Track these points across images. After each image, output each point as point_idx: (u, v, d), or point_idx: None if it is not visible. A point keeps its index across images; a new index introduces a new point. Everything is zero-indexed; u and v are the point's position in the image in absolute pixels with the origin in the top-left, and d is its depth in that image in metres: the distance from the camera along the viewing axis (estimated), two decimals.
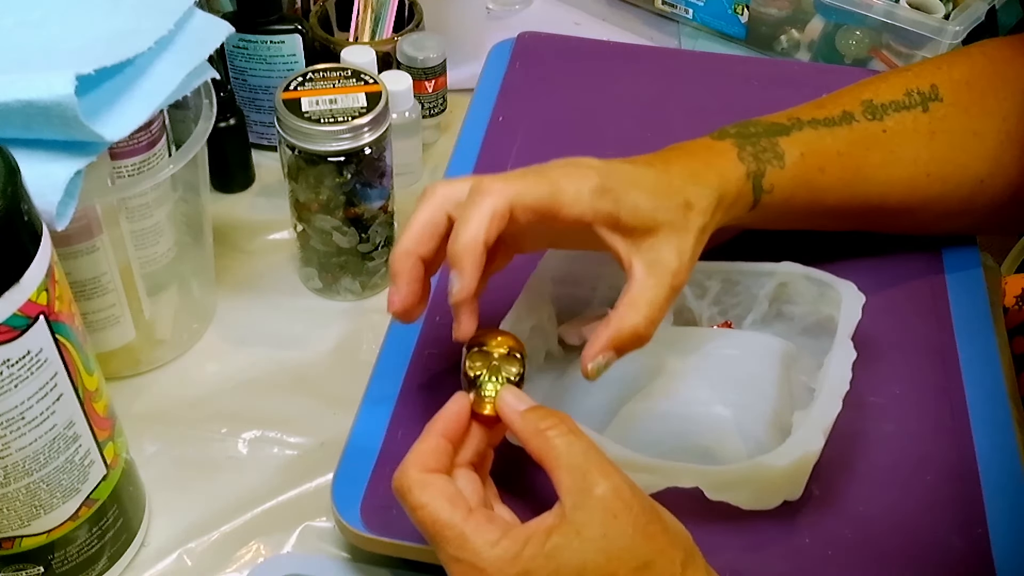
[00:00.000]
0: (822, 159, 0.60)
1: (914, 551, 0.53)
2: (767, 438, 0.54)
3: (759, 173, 0.57)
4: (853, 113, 0.61)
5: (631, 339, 0.51)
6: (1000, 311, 0.68)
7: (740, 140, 0.58)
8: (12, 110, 0.49)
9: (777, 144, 0.59)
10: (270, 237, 0.76)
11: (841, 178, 0.61)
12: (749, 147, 0.58)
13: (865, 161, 0.61)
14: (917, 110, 0.62)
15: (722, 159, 0.57)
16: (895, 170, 0.62)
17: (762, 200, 0.58)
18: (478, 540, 0.44)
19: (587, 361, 0.50)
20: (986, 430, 0.58)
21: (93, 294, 0.60)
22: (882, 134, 0.61)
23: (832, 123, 0.61)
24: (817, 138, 0.60)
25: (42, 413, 0.46)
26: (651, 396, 0.57)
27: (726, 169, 0.56)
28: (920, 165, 0.62)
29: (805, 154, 0.59)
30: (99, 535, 0.53)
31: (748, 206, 0.58)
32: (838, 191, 0.61)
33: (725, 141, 0.58)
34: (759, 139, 0.58)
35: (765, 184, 0.58)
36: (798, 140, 0.59)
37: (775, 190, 0.58)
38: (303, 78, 0.65)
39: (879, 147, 0.61)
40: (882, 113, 0.61)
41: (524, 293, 0.58)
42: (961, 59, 0.65)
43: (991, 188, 0.63)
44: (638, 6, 1.00)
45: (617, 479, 0.45)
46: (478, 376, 0.49)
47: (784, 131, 0.60)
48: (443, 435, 0.48)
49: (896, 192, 0.62)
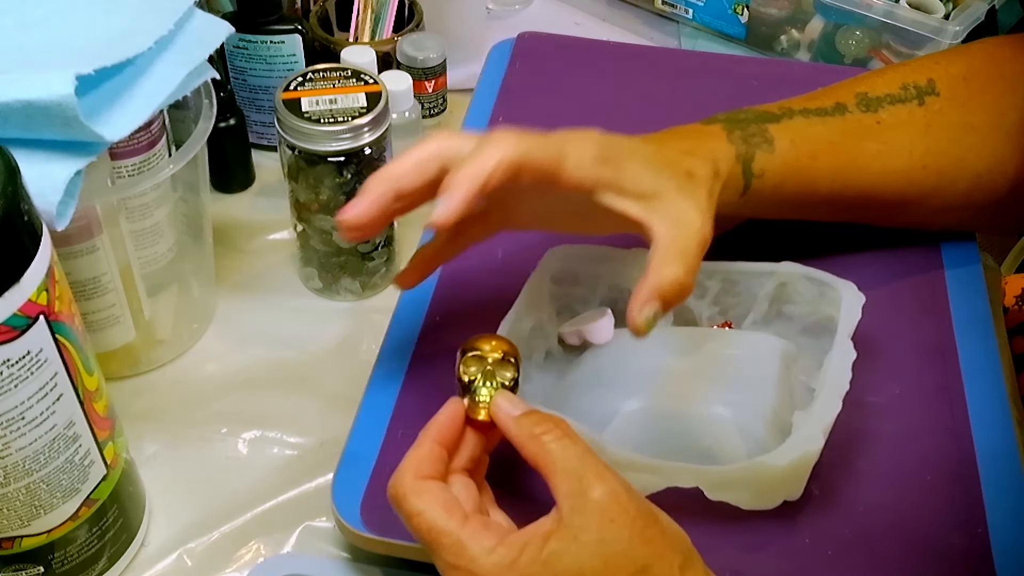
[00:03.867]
0: (813, 146, 0.60)
1: (914, 551, 0.53)
2: (767, 438, 0.54)
3: (748, 157, 0.57)
4: (846, 104, 0.61)
5: (673, 288, 0.49)
6: (1000, 311, 0.68)
7: (729, 124, 0.58)
8: (12, 110, 0.49)
9: (766, 130, 0.59)
10: (270, 237, 0.76)
11: (834, 167, 0.60)
12: (738, 131, 0.58)
13: (859, 151, 0.61)
14: (912, 103, 0.62)
15: (712, 140, 0.57)
16: (889, 161, 0.62)
17: (752, 185, 0.58)
18: (475, 547, 0.44)
19: (634, 315, 0.49)
20: (986, 430, 0.58)
21: (93, 294, 0.60)
22: (876, 125, 0.61)
23: (824, 113, 0.61)
24: (807, 126, 0.60)
25: (42, 413, 0.46)
26: (651, 396, 0.57)
27: (717, 148, 0.56)
28: (915, 157, 0.62)
29: (795, 141, 0.59)
30: (99, 535, 0.53)
31: (739, 190, 0.58)
32: (831, 180, 0.61)
33: (714, 125, 0.58)
34: (748, 124, 0.58)
35: (755, 168, 0.58)
36: (788, 127, 0.59)
37: (765, 175, 0.58)
38: (303, 78, 0.65)
39: (873, 138, 0.61)
40: (876, 105, 0.61)
41: (524, 293, 0.58)
42: (960, 55, 0.65)
43: (989, 184, 0.63)
44: (638, 6, 1.00)
45: (614, 483, 0.44)
46: (472, 381, 0.49)
47: (774, 119, 0.59)
48: (438, 441, 0.48)
49: (891, 183, 0.62)
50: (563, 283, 0.61)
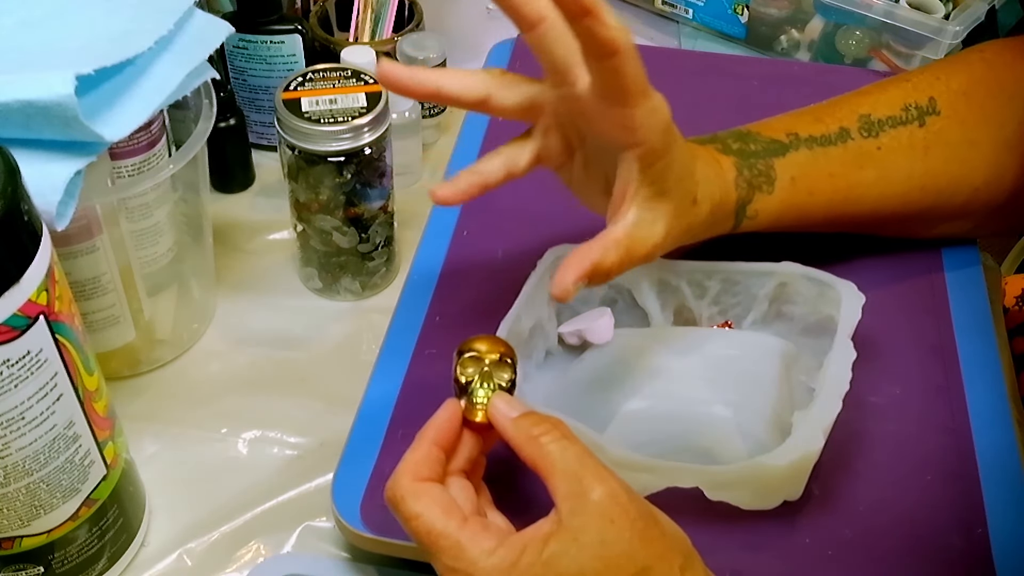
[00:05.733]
0: (812, 182, 0.60)
1: (914, 551, 0.53)
2: (767, 438, 0.54)
3: (747, 200, 0.58)
4: (850, 130, 0.61)
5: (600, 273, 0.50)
6: (1000, 311, 0.68)
7: (740, 161, 0.58)
8: (12, 110, 0.49)
9: (772, 168, 0.59)
10: (270, 237, 0.76)
11: (831, 200, 0.61)
12: (746, 171, 0.58)
13: (857, 180, 0.61)
14: (913, 125, 0.62)
15: (724, 179, 0.57)
16: (888, 187, 0.62)
17: (743, 225, 0.59)
18: (474, 549, 0.44)
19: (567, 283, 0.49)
20: (986, 430, 0.58)
21: (93, 294, 0.60)
22: (876, 151, 0.61)
23: (828, 142, 0.61)
24: (811, 160, 0.60)
25: (42, 413, 0.46)
26: (651, 396, 0.57)
27: (724, 189, 0.57)
28: (914, 180, 0.62)
29: (796, 178, 0.59)
30: (99, 535, 0.53)
31: (728, 228, 0.59)
32: (826, 211, 0.61)
33: (729, 158, 0.58)
34: (757, 161, 0.59)
35: (749, 211, 0.59)
36: (792, 163, 0.60)
37: (759, 216, 0.59)
38: (303, 78, 0.65)
39: (872, 165, 0.61)
40: (878, 130, 0.61)
41: (524, 293, 0.58)
42: (960, 67, 0.65)
43: (986, 195, 0.63)
44: (638, 6, 1.00)
45: (613, 483, 0.44)
46: (470, 383, 0.49)
47: (782, 151, 0.60)
48: (435, 443, 0.48)
49: (888, 206, 0.62)
50: None
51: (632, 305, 0.62)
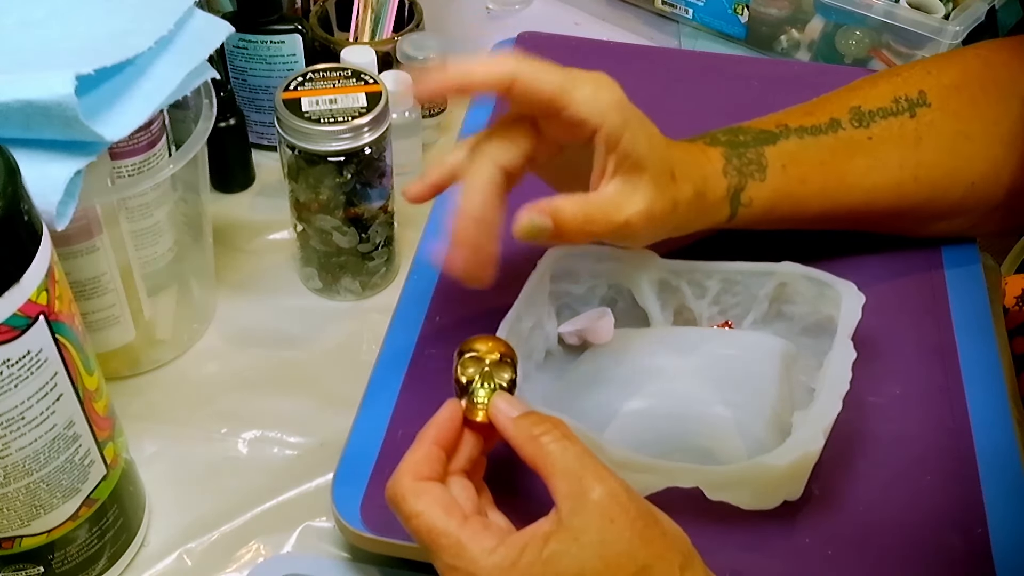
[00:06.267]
0: (803, 170, 0.60)
1: (914, 551, 0.53)
2: (767, 438, 0.54)
3: (739, 187, 0.58)
4: (840, 121, 0.61)
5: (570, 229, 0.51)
6: (1000, 311, 0.68)
7: (729, 151, 0.59)
8: (12, 110, 0.49)
9: (762, 155, 0.59)
10: (270, 237, 0.76)
11: (823, 188, 0.61)
12: (736, 159, 0.58)
13: (849, 168, 0.61)
14: (904, 116, 0.62)
15: (709, 165, 0.58)
16: (880, 176, 0.62)
17: (739, 213, 0.59)
18: (475, 548, 0.44)
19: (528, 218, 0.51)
20: (986, 430, 0.58)
21: (93, 294, 0.60)
22: (867, 141, 0.61)
23: (818, 131, 0.61)
24: (801, 148, 0.60)
25: (42, 413, 0.46)
26: (651, 396, 0.57)
27: (710, 176, 0.57)
28: (907, 170, 0.62)
29: (787, 165, 0.60)
30: (99, 535, 0.53)
31: (725, 218, 0.59)
32: (820, 200, 0.61)
33: (716, 148, 0.58)
34: (747, 150, 0.59)
35: (743, 198, 0.59)
36: (783, 151, 0.60)
37: (754, 203, 0.59)
38: (303, 78, 0.65)
39: (863, 153, 0.61)
40: (869, 120, 0.61)
41: (524, 293, 0.58)
42: (954, 63, 0.65)
43: (983, 191, 0.63)
44: (638, 6, 1.00)
45: (613, 483, 0.44)
46: (470, 382, 0.49)
47: (771, 139, 0.60)
48: (436, 443, 0.48)
49: (882, 198, 0.62)
50: (563, 282, 0.61)
51: (632, 305, 0.62)
